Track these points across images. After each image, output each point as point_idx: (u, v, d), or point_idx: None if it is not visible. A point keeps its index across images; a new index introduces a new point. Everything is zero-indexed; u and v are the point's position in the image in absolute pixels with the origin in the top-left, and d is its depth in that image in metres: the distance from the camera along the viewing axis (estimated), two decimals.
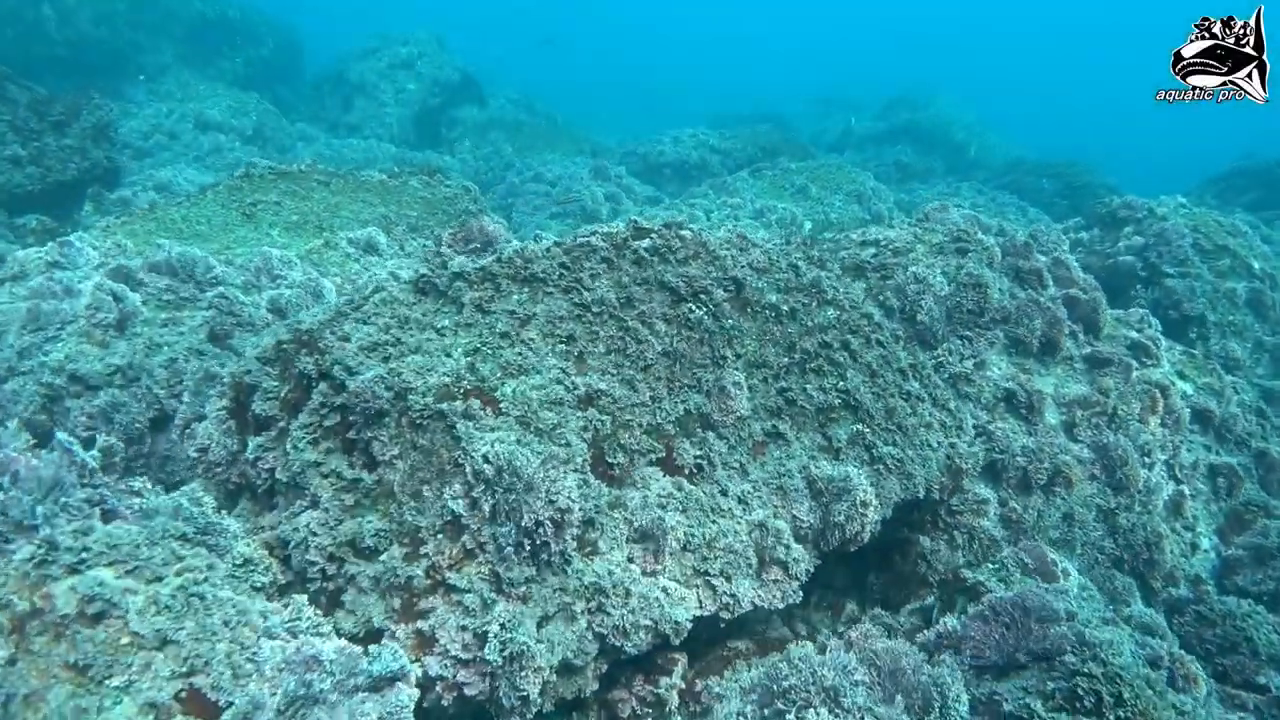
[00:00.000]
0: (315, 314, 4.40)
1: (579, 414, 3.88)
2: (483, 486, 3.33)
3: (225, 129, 20.57)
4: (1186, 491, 5.91)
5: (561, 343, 4.17)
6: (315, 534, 3.68)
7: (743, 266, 4.72)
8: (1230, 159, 21.21)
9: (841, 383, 4.60)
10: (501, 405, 3.70)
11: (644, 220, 4.82)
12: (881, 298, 5.98)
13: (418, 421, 3.60)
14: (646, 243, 4.64)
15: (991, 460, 5.39)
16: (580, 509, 3.47)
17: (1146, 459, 5.74)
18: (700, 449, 4.08)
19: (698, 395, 4.22)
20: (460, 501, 3.35)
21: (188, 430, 4.74)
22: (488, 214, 10.88)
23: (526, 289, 4.34)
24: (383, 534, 3.55)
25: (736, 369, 4.39)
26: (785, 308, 4.70)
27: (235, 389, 4.37)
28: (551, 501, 3.32)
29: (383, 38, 24.91)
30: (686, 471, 4.01)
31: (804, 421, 4.45)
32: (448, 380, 3.75)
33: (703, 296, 4.47)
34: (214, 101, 20.93)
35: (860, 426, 4.52)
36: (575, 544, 3.50)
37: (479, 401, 3.70)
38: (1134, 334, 6.54)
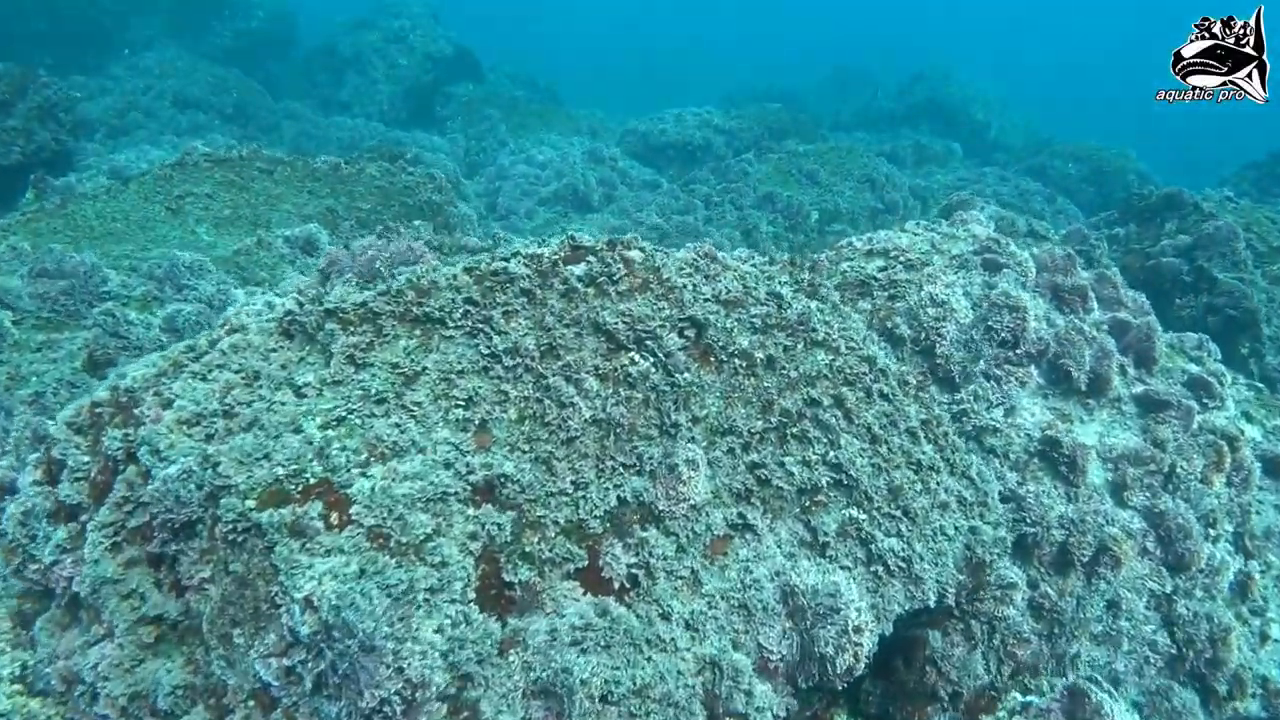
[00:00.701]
0: (148, 363, 3.41)
1: (469, 512, 2.88)
2: (303, 651, 2.34)
3: (205, 107, 19.54)
4: (1256, 568, 4.86)
5: (458, 407, 3.16)
6: (107, 678, 2.72)
7: (706, 300, 3.68)
8: (1270, 145, 19.71)
9: (832, 453, 3.56)
10: (353, 509, 2.70)
11: (583, 237, 3.78)
12: (890, 324, 4.91)
13: (231, 537, 2.61)
14: (581, 268, 3.60)
15: (1021, 534, 4.36)
16: (446, 669, 2.47)
17: (1211, 530, 4.69)
18: (637, 554, 3.07)
19: (638, 478, 3.20)
20: (272, 664, 2.36)
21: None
22: (455, 205, 9.84)
23: (418, 332, 3.33)
24: (182, 690, 2.58)
25: (692, 440, 3.36)
26: (761, 355, 3.66)
27: (49, 461, 3.40)
28: (400, 670, 2.33)
29: (374, 10, 23.75)
30: (616, 586, 3.00)
31: (781, 507, 3.42)
32: (282, 472, 2.75)
33: (649, 343, 3.43)
34: (194, 78, 19.88)
35: (854, 512, 3.49)
36: (444, 712, 2.51)
37: (323, 504, 2.70)
38: (1193, 367, 5.44)
